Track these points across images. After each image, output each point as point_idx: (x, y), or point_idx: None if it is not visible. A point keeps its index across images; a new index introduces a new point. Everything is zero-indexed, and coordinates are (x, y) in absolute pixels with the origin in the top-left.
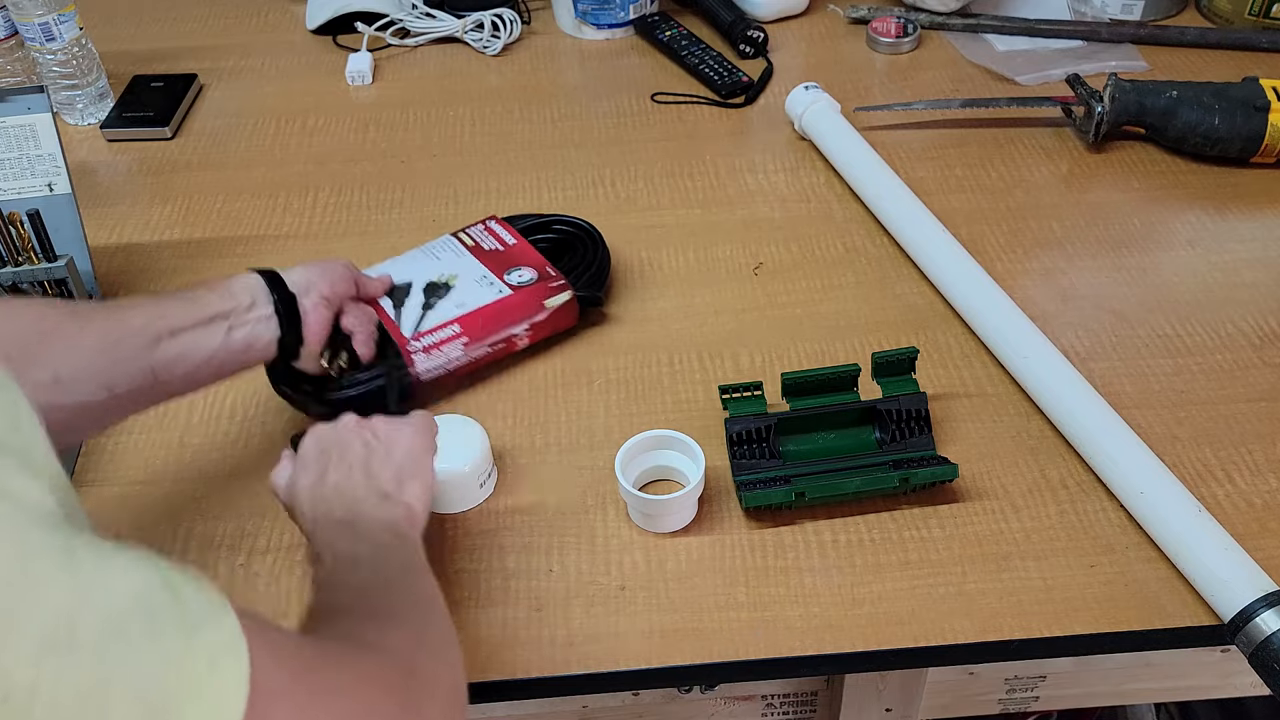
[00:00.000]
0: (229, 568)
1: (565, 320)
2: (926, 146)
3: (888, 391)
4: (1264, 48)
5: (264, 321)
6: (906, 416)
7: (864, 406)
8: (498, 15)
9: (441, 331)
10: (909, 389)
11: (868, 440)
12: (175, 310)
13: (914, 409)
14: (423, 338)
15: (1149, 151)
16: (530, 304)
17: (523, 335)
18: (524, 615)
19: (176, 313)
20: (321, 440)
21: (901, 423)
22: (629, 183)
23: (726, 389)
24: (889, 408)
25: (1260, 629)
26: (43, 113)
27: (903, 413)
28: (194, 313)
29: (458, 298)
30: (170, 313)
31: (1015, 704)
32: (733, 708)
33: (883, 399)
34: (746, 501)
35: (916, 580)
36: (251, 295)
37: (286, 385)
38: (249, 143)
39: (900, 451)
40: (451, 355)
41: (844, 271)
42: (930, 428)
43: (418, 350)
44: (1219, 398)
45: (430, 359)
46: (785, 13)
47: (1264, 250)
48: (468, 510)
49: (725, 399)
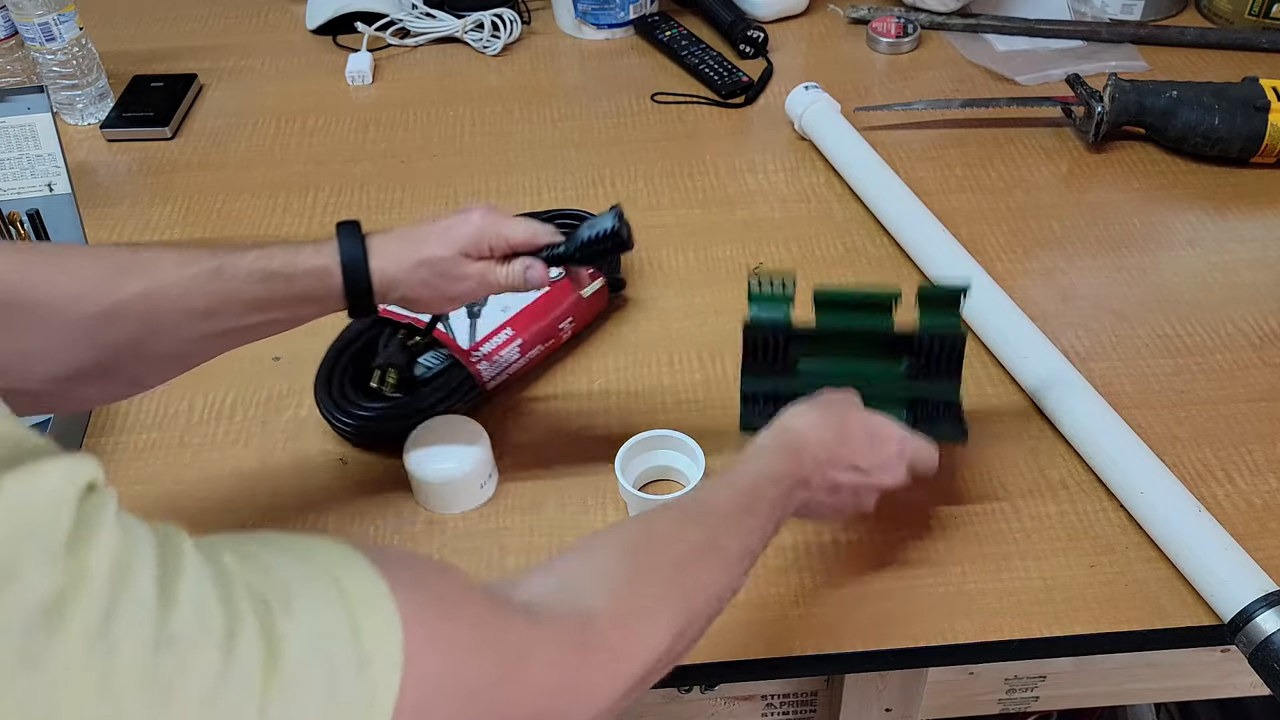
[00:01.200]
0: None
1: (598, 305)
2: (926, 146)
3: (926, 326)
4: (1264, 48)
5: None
6: (938, 353)
7: (895, 337)
8: (498, 15)
9: (496, 337)
10: (950, 327)
11: (893, 373)
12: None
13: (948, 348)
14: (481, 347)
15: (1149, 151)
16: (567, 295)
17: (567, 327)
18: None
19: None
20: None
21: (931, 360)
22: (629, 183)
23: (756, 282)
24: (923, 340)
25: (1260, 629)
26: (43, 113)
27: (934, 349)
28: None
29: (500, 302)
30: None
31: (1015, 704)
32: (733, 708)
33: (917, 331)
34: (744, 421)
35: (916, 580)
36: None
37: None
38: (249, 143)
39: (922, 392)
40: (509, 358)
41: (844, 271)
42: (960, 373)
43: (480, 360)
44: (1219, 398)
45: (493, 366)
46: (785, 13)
47: (1264, 250)
48: (468, 511)
49: (752, 293)
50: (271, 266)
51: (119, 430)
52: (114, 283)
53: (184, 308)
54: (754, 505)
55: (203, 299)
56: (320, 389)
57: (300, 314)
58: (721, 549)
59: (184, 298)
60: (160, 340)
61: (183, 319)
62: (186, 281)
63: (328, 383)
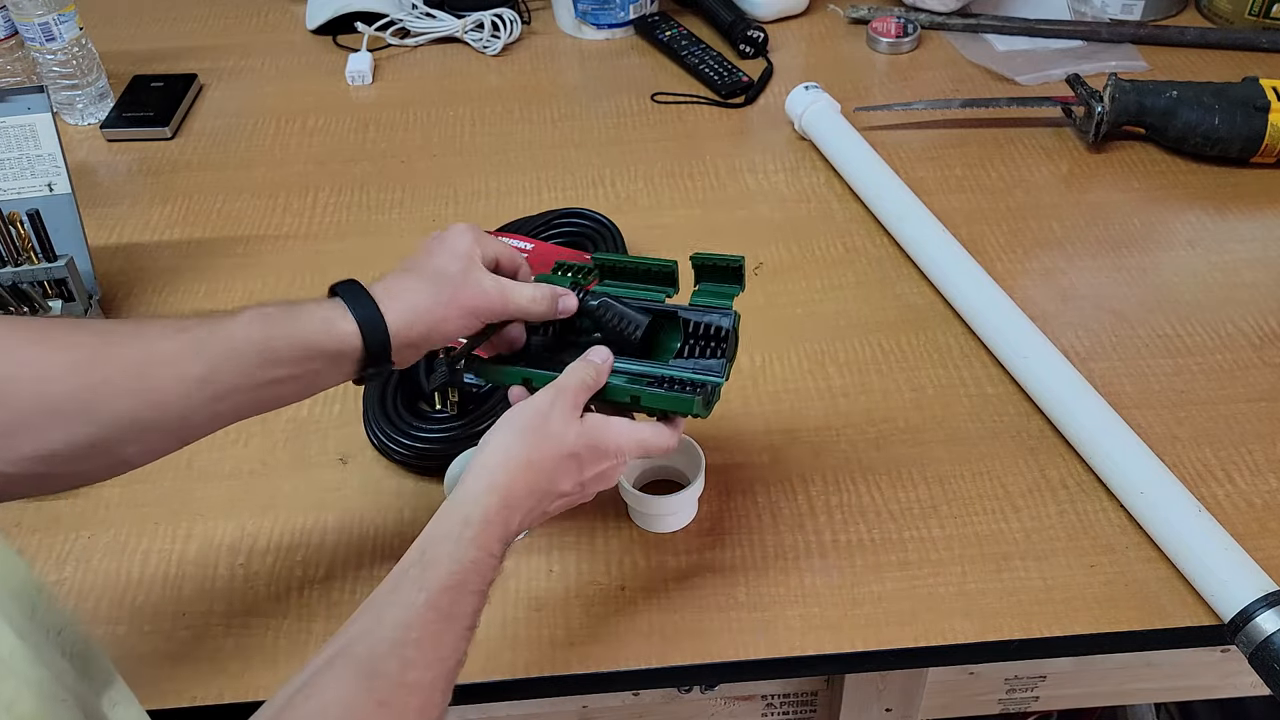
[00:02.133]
0: (229, 568)
1: None
2: (926, 146)
3: (696, 300)
4: (1264, 48)
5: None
6: (705, 333)
7: (667, 310)
8: (498, 15)
9: None
10: (722, 303)
11: (670, 349)
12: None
13: (716, 326)
14: None
15: (1149, 151)
16: None
17: None
18: (524, 615)
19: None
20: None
21: (698, 338)
22: (629, 183)
23: (561, 266)
24: (689, 317)
25: (1260, 629)
26: (43, 113)
27: (701, 326)
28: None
29: None
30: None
31: (1015, 704)
32: (733, 708)
33: (686, 305)
34: (478, 372)
35: (916, 580)
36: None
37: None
38: (249, 143)
39: (686, 369)
40: None
41: (844, 271)
42: (728, 354)
43: None
44: (1219, 398)
45: None
46: (785, 13)
47: (1264, 250)
48: None
49: (555, 272)
50: (268, 311)
51: None
52: (105, 351)
53: (179, 374)
54: (455, 610)
55: (199, 362)
56: (375, 417)
57: (308, 370)
58: (432, 682)
59: (178, 361)
60: (156, 411)
61: (178, 386)
62: (180, 344)
63: (381, 406)
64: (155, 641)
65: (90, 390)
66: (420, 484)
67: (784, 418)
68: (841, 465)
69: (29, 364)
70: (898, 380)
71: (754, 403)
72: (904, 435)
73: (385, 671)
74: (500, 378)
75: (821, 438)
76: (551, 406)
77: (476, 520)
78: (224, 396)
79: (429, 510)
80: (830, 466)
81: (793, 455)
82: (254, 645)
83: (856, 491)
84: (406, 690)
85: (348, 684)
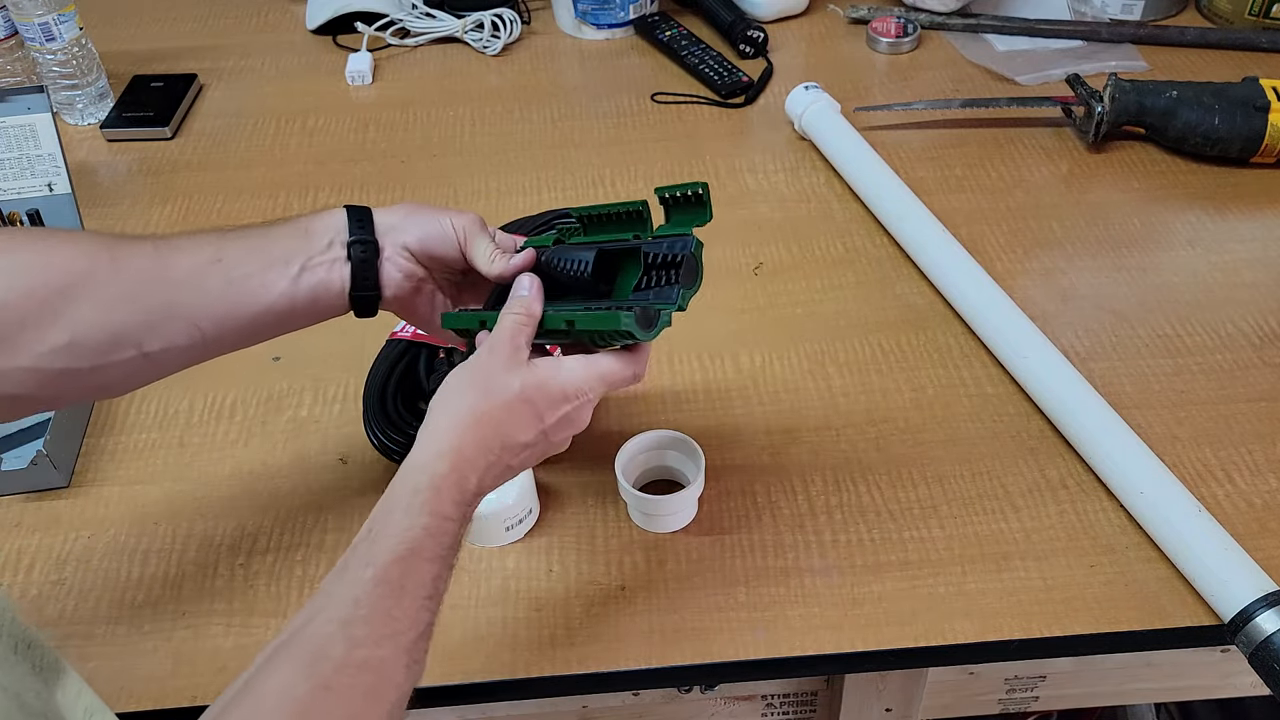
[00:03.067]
0: (229, 568)
1: None
2: (926, 146)
3: (662, 232)
4: (1264, 48)
5: (336, 265)
6: (663, 262)
7: (622, 246)
8: (498, 15)
9: None
10: (681, 230)
11: (628, 287)
12: (236, 250)
13: (672, 255)
14: None
15: (1149, 151)
16: None
17: None
18: (524, 615)
19: (237, 253)
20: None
21: (655, 269)
22: (629, 183)
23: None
24: (648, 250)
25: (1260, 629)
26: (43, 113)
27: (659, 257)
28: (258, 254)
29: None
30: (230, 253)
31: (1015, 704)
32: (733, 708)
33: (647, 239)
34: (444, 322)
35: (916, 580)
36: (331, 235)
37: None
38: (249, 143)
39: (644, 300)
40: None
41: (844, 271)
42: (685, 280)
43: None
44: (1219, 398)
45: None
46: (785, 13)
47: (1264, 250)
48: None
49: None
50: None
51: (119, 430)
52: (119, 245)
53: (193, 256)
54: (408, 581)
55: (210, 245)
56: (375, 417)
57: (305, 248)
58: (385, 659)
59: (192, 248)
60: (171, 293)
61: (192, 262)
62: (190, 238)
63: (381, 406)
64: (155, 641)
65: (110, 271)
66: None
67: (784, 418)
68: (841, 465)
69: (45, 253)
70: (898, 380)
71: (754, 403)
72: (904, 435)
73: (330, 654)
74: None
75: (821, 438)
76: (491, 355)
77: (425, 487)
78: (236, 281)
79: None
80: (830, 466)
81: (793, 455)
82: (254, 645)
83: (856, 491)
84: (355, 670)
85: (288, 672)
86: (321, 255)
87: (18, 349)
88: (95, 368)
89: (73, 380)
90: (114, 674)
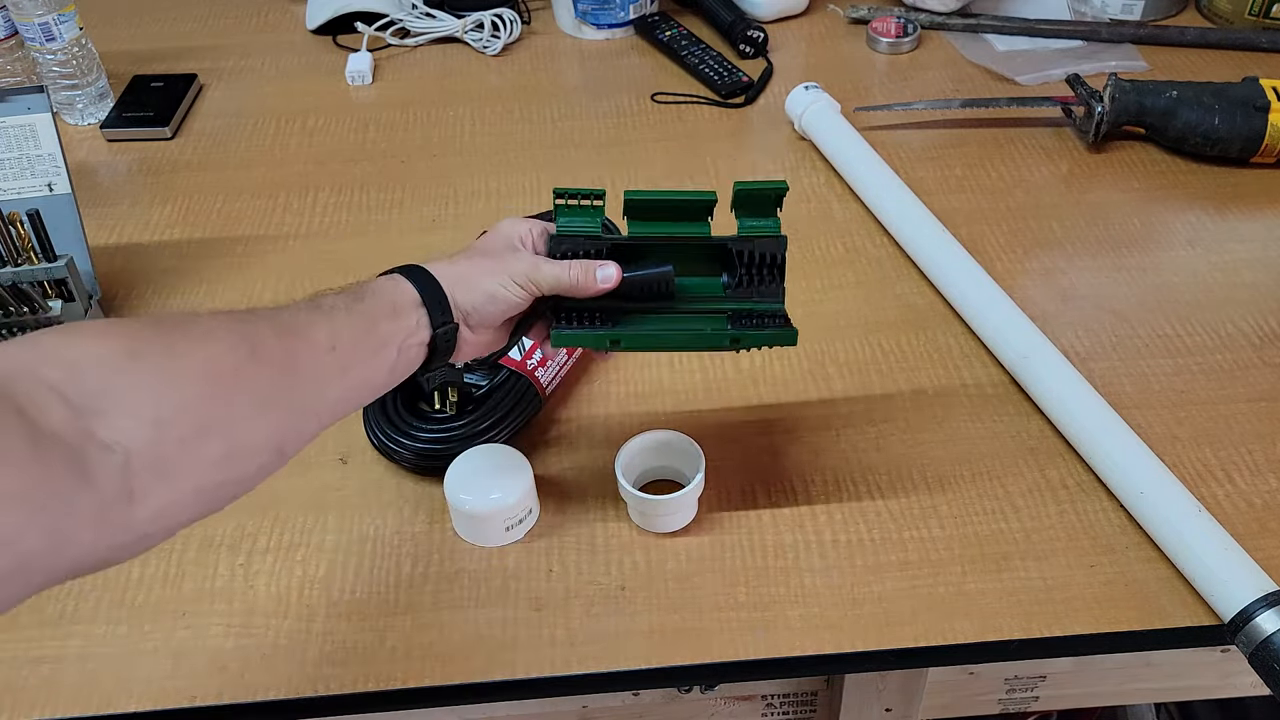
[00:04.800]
0: (229, 568)
1: None
2: (926, 146)
3: (744, 230)
4: (1264, 48)
5: (423, 345)
6: (759, 261)
7: (714, 243)
8: (498, 15)
9: None
10: (769, 230)
11: (714, 285)
12: (345, 334)
13: (769, 254)
14: (534, 354)
15: (1149, 151)
16: None
17: None
18: (524, 615)
19: (347, 339)
20: None
21: (753, 267)
22: (629, 183)
23: (561, 192)
24: (742, 248)
25: (1260, 629)
26: (43, 113)
27: (755, 256)
28: (365, 338)
29: None
30: (341, 339)
31: (1015, 704)
32: (733, 708)
33: (735, 237)
34: (556, 339)
35: (916, 580)
36: (415, 315)
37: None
38: (249, 143)
39: (745, 300)
40: (559, 360)
41: (844, 271)
42: (783, 278)
43: (535, 366)
44: (1219, 398)
45: (547, 371)
46: (785, 13)
47: (1264, 250)
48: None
49: (559, 204)
50: (333, 291)
51: None
52: None
53: (312, 345)
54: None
55: (323, 330)
56: (375, 417)
57: (386, 331)
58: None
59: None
60: None
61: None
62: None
63: (381, 405)
64: (155, 641)
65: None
66: (420, 484)
67: (784, 418)
68: (841, 465)
69: None
70: (898, 380)
71: (754, 402)
72: (904, 435)
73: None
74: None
75: (821, 438)
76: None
77: None
78: (351, 370)
79: (429, 510)
80: (830, 466)
81: (793, 455)
82: (254, 645)
83: (856, 491)
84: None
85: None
86: (411, 337)
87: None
88: (250, 474)
89: (230, 489)
90: (114, 674)
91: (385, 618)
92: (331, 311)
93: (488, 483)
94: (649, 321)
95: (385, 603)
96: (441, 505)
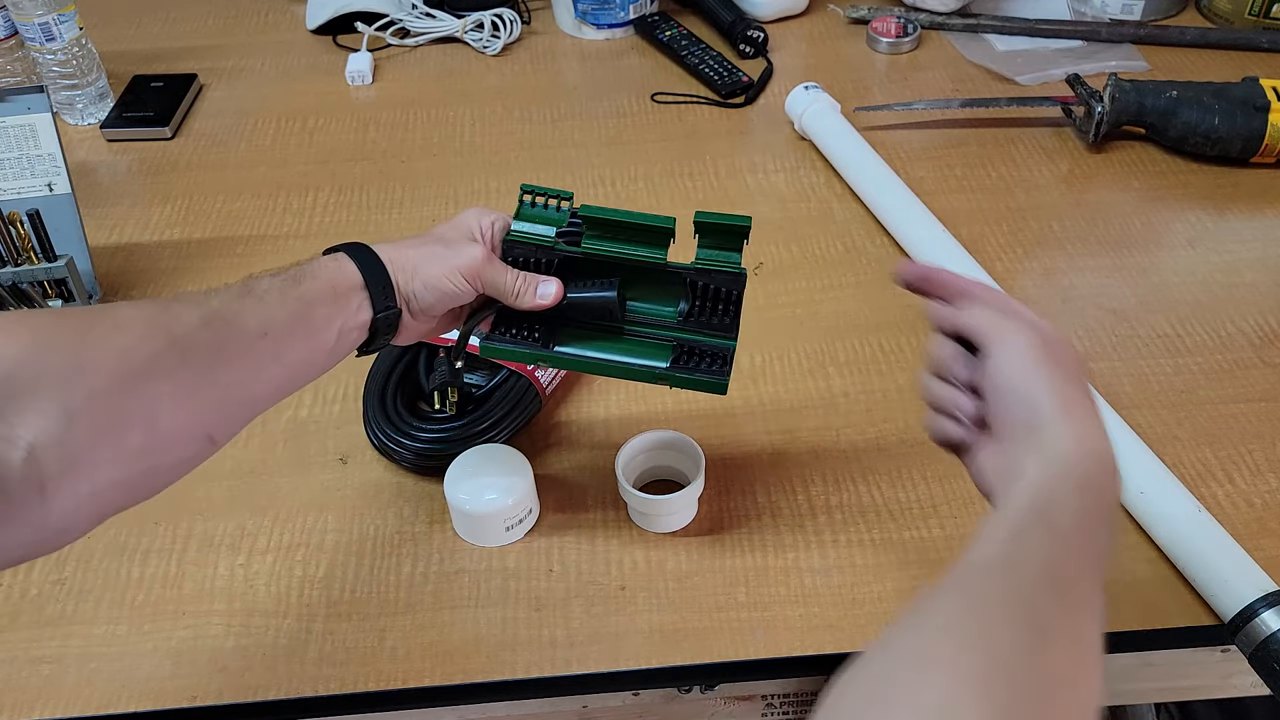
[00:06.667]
0: (229, 568)
1: None
2: (926, 146)
3: (701, 260)
4: (1264, 48)
5: (364, 328)
6: (716, 295)
7: (670, 270)
8: (498, 15)
9: None
10: (729, 264)
11: (668, 312)
12: (280, 320)
13: (726, 289)
14: None
15: (1149, 151)
16: None
17: None
18: (524, 615)
19: (281, 324)
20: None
21: (708, 300)
22: (629, 183)
23: (529, 189)
24: (698, 280)
25: (1260, 629)
26: (43, 113)
27: (710, 290)
28: (302, 324)
29: None
30: (275, 325)
31: None
32: (733, 708)
33: (691, 266)
34: (484, 350)
35: (916, 580)
36: (356, 299)
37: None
38: (249, 143)
39: (698, 332)
40: None
41: (844, 271)
42: (738, 318)
43: (535, 367)
44: (1219, 398)
45: (547, 371)
46: (785, 13)
47: (1264, 250)
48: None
49: (523, 200)
50: (273, 272)
51: None
52: None
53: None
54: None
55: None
56: (375, 417)
57: (325, 312)
58: None
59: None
60: None
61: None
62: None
63: (381, 406)
64: (155, 641)
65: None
66: (420, 484)
67: (784, 418)
68: (841, 465)
69: None
70: (898, 380)
71: (754, 403)
72: (904, 435)
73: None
74: (506, 356)
75: (821, 438)
76: None
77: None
78: (284, 355)
79: (429, 510)
80: (830, 466)
81: (793, 455)
82: (254, 645)
83: (856, 491)
84: None
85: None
86: (350, 320)
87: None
88: (177, 462)
89: (157, 478)
90: (114, 674)
91: (385, 618)
92: (264, 296)
93: (488, 483)
94: (587, 344)
95: (385, 603)
96: (441, 505)
